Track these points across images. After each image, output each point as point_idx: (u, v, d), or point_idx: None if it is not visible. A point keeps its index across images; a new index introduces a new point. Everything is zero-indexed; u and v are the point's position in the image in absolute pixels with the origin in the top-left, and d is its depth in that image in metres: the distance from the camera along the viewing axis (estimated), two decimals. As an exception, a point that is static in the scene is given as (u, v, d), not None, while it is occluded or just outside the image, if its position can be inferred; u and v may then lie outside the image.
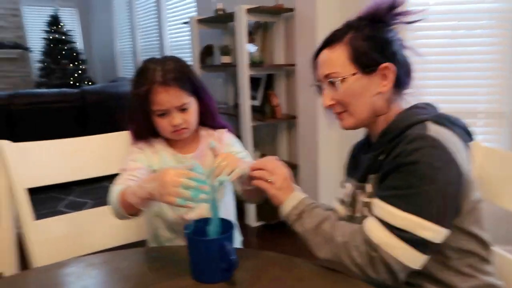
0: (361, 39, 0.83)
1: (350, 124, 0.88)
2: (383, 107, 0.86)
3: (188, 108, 1.05)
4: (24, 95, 3.28)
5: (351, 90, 0.84)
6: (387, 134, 0.84)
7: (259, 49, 2.78)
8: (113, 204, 0.91)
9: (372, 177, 0.84)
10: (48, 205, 3.13)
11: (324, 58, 0.87)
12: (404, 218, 0.73)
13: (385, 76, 0.83)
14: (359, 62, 0.82)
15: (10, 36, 5.97)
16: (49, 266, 0.88)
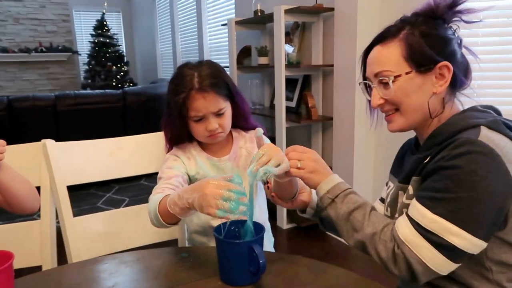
0: (418, 35, 0.78)
1: (400, 125, 0.83)
2: (437, 108, 0.81)
3: (224, 113, 1.05)
4: (69, 96, 3.44)
5: (404, 90, 0.79)
6: (436, 137, 0.79)
7: (296, 49, 2.75)
8: (152, 213, 0.91)
9: (415, 180, 0.80)
10: (88, 201, 3.26)
11: (375, 55, 0.82)
12: (433, 221, 0.70)
13: (441, 76, 0.78)
14: (414, 60, 0.78)
15: (61, 40, 6.34)
16: (84, 262, 0.90)
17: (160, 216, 0.89)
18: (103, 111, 3.53)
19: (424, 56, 0.77)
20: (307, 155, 0.86)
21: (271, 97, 3.12)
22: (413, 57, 0.78)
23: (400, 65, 0.78)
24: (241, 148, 1.15)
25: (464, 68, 0.82)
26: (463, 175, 0.68)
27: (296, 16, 2.54)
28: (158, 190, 0.98)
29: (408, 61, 0.78)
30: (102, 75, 5.95)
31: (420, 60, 0.78)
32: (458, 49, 0.81)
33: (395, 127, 0.84)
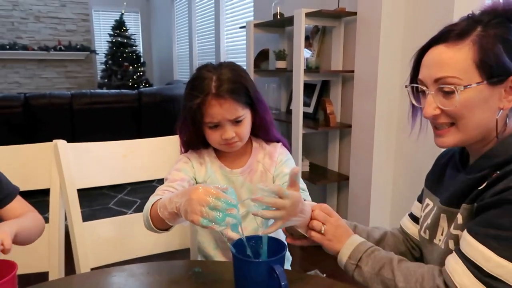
0: (494, 39, 0.66)
1: (454, 141, 0.72)
2: (499, 126, 0.70)
3: (242, 120, 0.98)
4: (84, 95, 3.44)
5: (469, 103, 0.68)
6: (491, 158, 0.69)
7: (315, 54, 2.69)
8: (144, 215, 0.87)
9: (466, 208, 0.70)
10: (100, 201, 3.25)
11: (438, 56, 0.69)
12: (500, 265, 0.60)
13: (511, 89, 0.68)
14: (488, 69, 0.66)
15: (79, 39, 6.40)
16: (91, 274, 0.86)
17: (151, 219, 0.84)
18: (118, 111, 3.52)
19: (499, 64, 0.66)
20: (333, 219, 0.82)
21: (287, 101, 3.06)
22: (486, 65, 0.66)
23: (470, 73, 0.67)
24: (258, 162, 1.07)
25: None
26: None
27: (317, 20, 2.47)
28: (159, 192, 0.94)
29: (480, 69, 0.66)
30: (118, 75, 5.98)
31: (494, 69, 0.66)
32: None
33: (448, 143, 0.73)
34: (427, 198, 0.86)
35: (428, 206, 0.84)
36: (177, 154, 1.17)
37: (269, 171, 1.06)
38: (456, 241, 0.71)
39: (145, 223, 0.88)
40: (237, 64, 1.02)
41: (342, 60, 2.54)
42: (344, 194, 2.59)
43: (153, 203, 0.85)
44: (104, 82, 6.03)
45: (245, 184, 1.05)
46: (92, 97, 3.44)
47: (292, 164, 1.09)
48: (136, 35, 6.64)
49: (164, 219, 0.79)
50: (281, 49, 2.91)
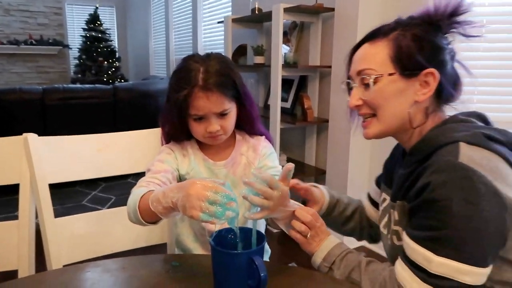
0: (409, 38, 0.73)
1: (375, 132, 0.78)
2: (418, 119, 0.76)
3: (228, 114, 0.96)
4: (57, 90, 3.33)
5: (384, 92, 0.74)
6: (416, 154, 0.74)
7: (293, 49, 2.70)
8: (132, 208, 0.84)
9: (400, 204, 0.76)
10: (73, 199, 3.16)
11: (362, 52, 0.78)
12: (441, 264, 0.63)
13: (426, 84, 0.73)
14: (401, 62, 0.73)
15: (52, 33, 6.20)
16: (64, 270, 0.82)
17: (140, 212, 0.81)
18: (93, 107, 3.43)
19: (411, 59, 0.73)
20: (318, 225, 0.84)
21: (265, 97, 3.06)
22: (399, 59, 0.73)
23: (385, 65, 0.74)
24: (242, 155, 1.06)
25: (453, 81, 0.77)
26: (455, 206, 0.62)
27: (295, 16, 2.48)
28: (143, 183, 0.91)
29: (394, 62, 0.74)
30: (92, 70, 5.83)
31: (406, 63, 0.73)
32: (450, 61, 0.76)
33: (370, 134, 0.79)
34: (383, 192, 0.90)
35: (385, 201, 0.87)
36: (154, 148, 1.14)
37: (253, 164, 1.06)
38: (398, 237, 0.77)
39: (130, 216, 0.85)
40: (225, 56, 1.00)
41: (319, 55, 2.55)
42: (322, 189, 2.61)
43: (141, 196, 0.82)
44: (78, 77, 5.86)
45: (228, 177, 1.04)
46: (65, 92, 3.33)
47: (275, 158, 1.09)
48: (111, 30, 6.49)
49: (157, 213, 0.77)
50: (259, 44, 2.90)
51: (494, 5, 1.90)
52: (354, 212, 1.04)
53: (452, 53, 0.76)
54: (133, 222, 0.85)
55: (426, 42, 0.73)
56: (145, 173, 0.98)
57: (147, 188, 0.86)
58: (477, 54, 1.96)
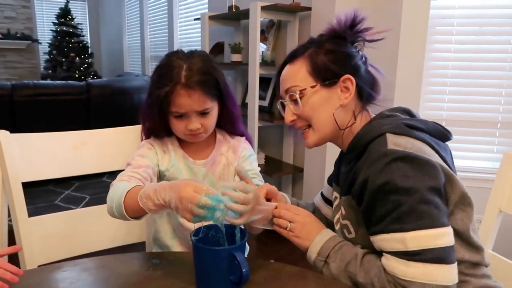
0: (322, 53, 0.82)
1: (314, 141, 0.86)
2: (346, 120, 0.84)
3: (209, 112, 0.96)
4: (27, 86, 3.21)
5: (311, 103, 0.82)
6: (352, 151, 0.82)
7: (271, 47, 2.71)
8: (115, 201, 0.82)
9: (345, 199, 0.82)
10: (45, 198, 3.06)
11: (285, 73, 0.86)
12: (413, 239, 0.67)
13: (346, 89, 0.82)
14: (319, 75, 0.82)
15: (20, 27, 5.96)
16: (40, 269, 0.80)
17: (125, 207, 0.80)
18: (65, 104, 3.33)
19: (328, 70, 0.81)
20: (300, 217, 0.85)
21: (243, 95, 3.06)
22: (317, 71, 0.82)
23: (306, 80, 0.82)
24: (222, 155, 1.06)
25: (371, 82, 0.86)
26: (399, 185, 0.68)
27: (272, 14, 2.49)
28: (124, 177, 0.89)
29: (313, 76, 0.82)
30: (64, 66, 5.66)
31: (324, 74, 0.81)
32: (362, 65, 0.85)
33: (310, 143, 0.86)
34: (335, 191, 0.94)
35: (336, 199, 0.91)
36: (131, 145, 1.13)
37: (232, 165, 1.06)
38: (348, 230, 0.82)
39: (112, 210, 0.83)
40: (209, 54, 1.00)
41: (296, 54, 2.57)
42: (299, 186, 2.65)
43: (127, 191, 0.81)
44: (48, 73, 5.68)
45: (207, 176, 1.04)
46: (36, 88, 3.22)
47: (254, 160, 1.10)
48: (83, 25, 6.32)
49: (146, 210, 0.76)
50: (236, 42, 2.90)
51: (463, 7, 1.97)
52: None
53: (363, 59, 0.86)
54: (114, 216, 0.84)
55: (337, 53, 0.82)
56: (125, 167, 0.96)
57: (131, 183, 0.85)
58: (448, 55, 2.03)
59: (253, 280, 0.73)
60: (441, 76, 2.06)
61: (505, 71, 1.94)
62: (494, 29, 1.96)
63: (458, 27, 1.99)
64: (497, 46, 1.96)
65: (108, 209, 0.85)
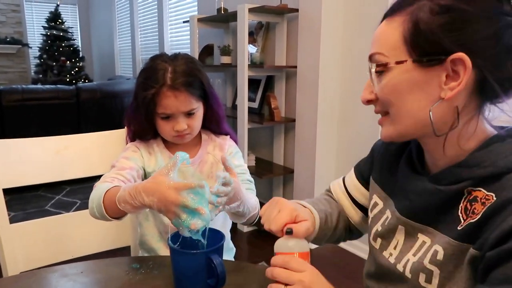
0: (434, 11, 0.53)
1: (389, 135, 0.61)
2: (447, 121, 0.56)
3: (195, 113, 0.99)
4: (15, 90, 3.19)
5: (395, 86, 0.57)
6: (472, 167, 0.55)
7: (259, 49, 2.71)
8: (95, 202, 0.82)
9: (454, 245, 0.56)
10: (35, 204, 3.04)
11: (377, 31, 0.60)
12: None
13: (456, 74, 0.53)
14: (416, 45, 0.54)
15: (9, 31, 5.92)
16: (18, 276, 0.80)
17: (104, 207, 0.80)
18: (55, 108, 3.31)
19: (431, 39, 0.53)
20: (301, 276, 0.58)
21: (233, 97, 3.06)
22: (415, 40, 0.54)
23: (396, 49, 0.56)
24: (208, 153, 1.08)
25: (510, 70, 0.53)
26: None
27: (260, 16, 2.49)
28: (107, 179, 0.90)
29: (408, 45, 0.55)
30: (54, 70, 5.62)
31: (424, 45, 0.54)
32: (505, 35, 0.52)
33: (384, 135, 0.63)
34: (375, 194, 0.74)
35: (377, 207, 0.72)
36: (118, 149, 1.12)
37: (220, 163, 1.07)
38: (428, 278, 0.59)
39: (94, 211, 0.83)
40: (192, 56, 1.03)
41: (285, 55, 2.58)
42: (290, 187, 2.65)
43: (106, 191, 0.81)
44: (39, 77, 5.63)
45: (195, 175, 1.05)
46: (24, 93, 3.20)
47: (241, 156, 1.11)
48: (74, 29, 6.29)
49: (126, 211, 0.76)
50: (225, 44, 2.90)
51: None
52: (338, 220, 0.83)
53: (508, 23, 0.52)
54: (95, 217, 0.84)
55: (460, 13, 0.52)
56: (110, 169, 0.97)
57: (111, 184, 0.86)
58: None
59: (232, 282, 0.73)
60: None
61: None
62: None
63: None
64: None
65: (89, 210, 0.85)
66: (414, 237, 0.63)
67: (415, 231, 0.63)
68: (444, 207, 0.58)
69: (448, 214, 0.57)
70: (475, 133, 0.57)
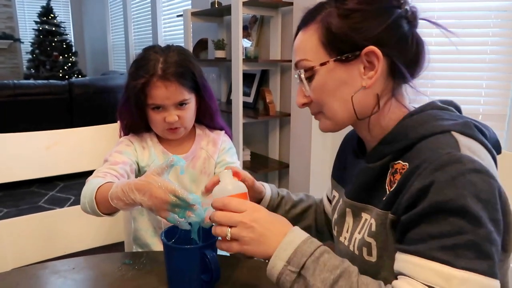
0: (340, 14, 0.61)
1: (327, 128, 0.69)
2: (371, 105, 0.64)
3: (186, 105, 0.97)
4: (7, 86, 3.14)
5: (324, 86, 0.64)
6: (391, 143, 0.62)
7: (254, 44, 2.69)
8: (87, 197, 0.80)
9: (380, 214, 0.61)
10: (28, 200, 3.01)
11: (296, 42, 0.67)
12: (465, 281, 0.49)
13: (371, 65, 0.61)
14: (333, 46, 0.62)
15: (1, 26, 5.84)
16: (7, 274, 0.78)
17: (96, 203, 0.78)
18: (47, 103, 3.26)
19: (345, 40, 0.61)
20: (245, 215, 0.59)
21: (228, 91, 3.04)
22: (331, 42, 0.61)
23: (318, 53, 0.63)
24: (202, 149, 1.06)
25: (412, 51, 0.63)
26: (470, 207, 0.50)
27: (255, 9, 2.47)
28: (100, 174, 0.88)
29: (326, 48, 0.62)
30: (47, 65, 5.55)
31: (340, 45, 0.61)
32: (405, 25, 0.62)
33: (323, 128, 0.69)
34: (334, 189, 0.81)
35: (335, 198, 0.78)
36: (110, 143, 1.10)
37: (212, 158, 1.07)
38: (369, 251, 0.63)
39: (86, 207, 0.81)
40: (185, 48, 1.01)
41: (280, 49, 2.56)
42: (285, 181, 2.64)
43: (98, 187, 0.79)
44: (31, 73, 5.57)
45: (188, 170, 1.04)
46: (16, 88, 3.15)
47: (234, 153, 1.10)
48: (66, 23, 6.21)
49: (118, 208, 0.75)
50: (220, 38, 2.87)
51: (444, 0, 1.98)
52: (306, 210, 0.91)
53: (408, 14, 0.63)
54: (88, 213, 0.82)
55: (362, 13, 0.61)
56: (103, 163, 0.95)
57: (104, 179, 0.84)
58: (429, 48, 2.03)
59: (228, 278, 0.72)
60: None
61: (485, 63, 1.95)
62: (474, 22, 1.97)
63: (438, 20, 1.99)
64: (477, 39, 1.97)
65: (81, 205, 0.83)
66: (359, 217, 0.68)
67: (359, 211, 0.68)
68: (375, 183, 0.64)
69: (379, 189, 0.63)
70: (394, 112, 0.65)
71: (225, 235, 0.59)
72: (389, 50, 0.61)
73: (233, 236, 0.59)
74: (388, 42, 0.61)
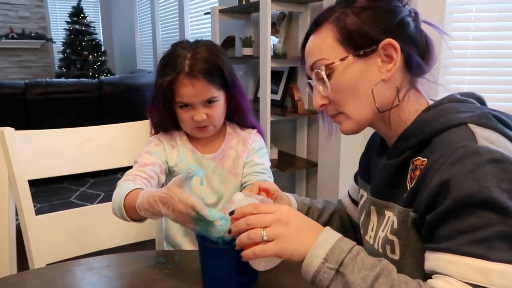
0: (352, 13, 0.64)
1: (350, 129, 0.68)
2: (391, 99, 0.64)
3: (215, 102, 0.94)
4: (40, 84, 3.23)
5: (344, 82, 0.64)
6: (408, 139, 0.62)
7: (282, 40, 2.66)
8: (116, 204, 0.80)
9: (402, 212, 0.61)
10: (61, 196, 3.09)
11: (308, 45, 0.68)
12: (504, 273, 0.48)
13: (389, 58, 0.63)
14: (350, 42, 0.63)
15: (34, 26, 6.02)
16: (45, 269, 0.78)
17: (125, 210, 0.78)
18: (78, 101, 3.35)
19: (362, 35, 0.62)
20: (276, 215, 0.58)
21: (255, 89, 3.02)
22: (348, 38, 0.63)
23: (334, 51, 0.64)
24: (231, 148, 1.03)
25: (422, 47, 0.65)
26: (497, 199, 0.49)
27: (283, 6, 2.43)
28: (130, 176, 0.88)
29: (343, 44, 0.63)
30: (77, 64, 5.70)
31: (357, 41, 0.63)
32: (412, 23, 0.65)
33: (345, 130, 0.69)
34: (361, 188, 0.80)
35: (363, 197, 0.78)
36: (141, 140, 1.10)
37: (241, 158, 1.03)
38: (392, 248, 0.63)
39: (115, 212, 0.81)
40: (215, 43, 0.98)
41: (308, 46, 2.52)
42: (313, 181, 2.60)
43: (126, 194, 0.79)
44: (63, 72, 5.73)
45: (216, 170, 1.02)
46: (48, 86, 3.24)
47: (265, 153, 1.06)
48: (96, 23, 6.35)
49: (148, 218, 0.74)
50: (247, 35, 2.86)
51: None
52: (332, 216, 0.90)
53: (412, 14, 0.66)
54: (118, 217, 0.82)
55: (374, 10, 0.63)
56: (133, 165, 0.94)
57: (134, 184, 0.83)
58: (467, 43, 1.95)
59: (264, 280, 0.69)
60: (459, 65, 1.97)
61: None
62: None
63: (476, 14, 1.90)
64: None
65: (112, 210, 0.83)
66: (382, 215, 0.67)
67: (382, 209, 0.67)
68: (396, 180, 0.64)
69: (401, 186, 0.63)
70: (413, 105, 0.65)
71: (260, 237, 0.56)
72: (403, 43, 0.63)
73: (269, 235, 0.56)
74: (402, 35, 0.63)
